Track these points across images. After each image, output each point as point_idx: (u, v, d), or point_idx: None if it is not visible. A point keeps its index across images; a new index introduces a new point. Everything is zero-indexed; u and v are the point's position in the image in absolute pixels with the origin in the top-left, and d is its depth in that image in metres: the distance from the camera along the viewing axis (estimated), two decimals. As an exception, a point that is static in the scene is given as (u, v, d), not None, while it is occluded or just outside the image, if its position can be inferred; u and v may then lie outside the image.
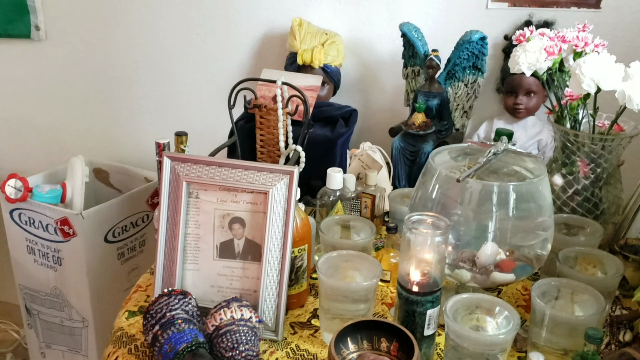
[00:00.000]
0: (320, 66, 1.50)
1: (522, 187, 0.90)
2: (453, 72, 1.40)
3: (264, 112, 1.23)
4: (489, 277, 0.93)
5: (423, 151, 1.35)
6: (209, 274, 0.96)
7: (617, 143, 1.07)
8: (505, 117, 1.43)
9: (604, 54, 0.98)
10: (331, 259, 0.96)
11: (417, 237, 0.85)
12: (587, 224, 1.09)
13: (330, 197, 1.19)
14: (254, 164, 0.96)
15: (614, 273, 0.94)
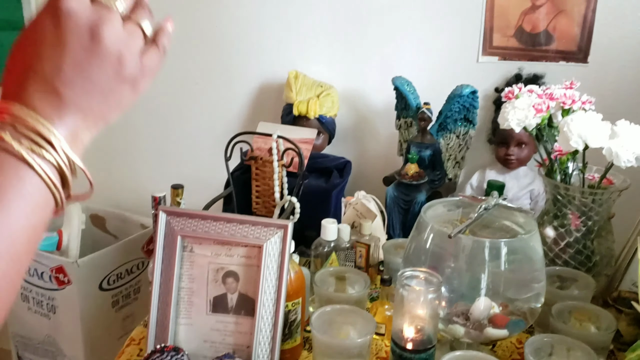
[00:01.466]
0: (315, 117, 1.53)
1: (513, 243, 0.92)
2: (445, 124, 1.43)
3: (260, 163, 1.25)
4: (482, 332, 0.93)
5: (417, 200, 1.37)
6: (202, 328, 0.96)
7: (607, 196, 1.08)
8: (497, 167, 1.46)
9: (590, 112, 1.00)
10: (325, 314, 0.96)
11: (410, 293, 0.85)
12: (580, 277, 1.09)
13: (325, 248, 1.20)
14: (248, 218, 0.97)
15: (606, 328, 0.95)
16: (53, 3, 0.42)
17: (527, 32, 1.45)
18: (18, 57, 0.43)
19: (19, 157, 0.39)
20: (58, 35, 0.42)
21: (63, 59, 0.42)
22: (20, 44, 0.43)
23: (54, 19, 0.42)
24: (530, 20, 1.44)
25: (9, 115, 0.39)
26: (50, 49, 0.42)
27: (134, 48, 0.45)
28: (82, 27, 0.42)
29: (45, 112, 0.41)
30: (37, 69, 0.42)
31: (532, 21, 1.44)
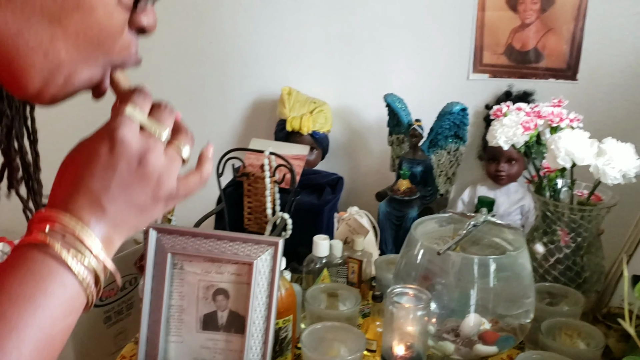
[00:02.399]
0: (308, 133, 1.54)
1: (502, 259, 0.92)
2: (436, 141, 1.44)
3: (252, 180, 1.26)
4: (472, 349, 0.93)
5: (409, 216, 1.38)
6: (192, 346, 0.96)
7: (596, 213, 1.09)
8: (488, 183, 1.47)
9: (577, 130, 1.02)
10: (315, 331, 0.96)
11: (399, 311, 0.86)
12: (570, 294, 1.10)
13: (317, 264, 1.20)
14: (239, 235, 0.97)
15: (595, 345, 0.95)
16: (110, 130, 0.49)
17: (517, 49, 1.47)
18: (71, 171, 0.49)
19: (65, 265, 0.44)
20: (111, 158, 0.48)
21: (112, 179, 0.48)
22: (74, 160, 0.49)
23: (109, 144, 0.48)
24: (520, 38, 1.46)
25: (59, 224, 0.45)
26: (102, 170, 0.48)
27: (173, 173, 0.52)
28: (133, 154, 0.49)
29: (89, 223, 0.47)
30: (88, 185, 0.48)
31: (521, 39, 1.46)
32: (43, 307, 0.42)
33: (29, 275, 0.43)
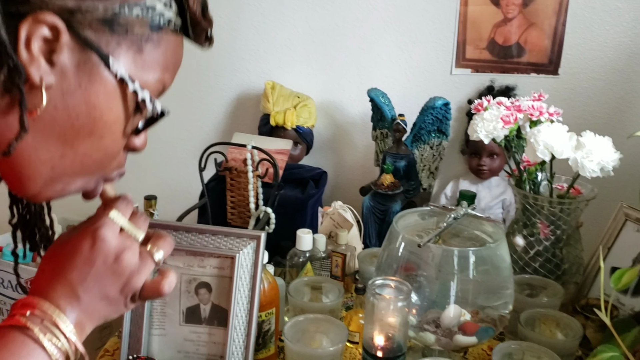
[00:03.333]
0: (293, 127, 1.54)
1: (481, 251, 0.93)
2: (419, 135, 1.45)
3: (234, 174, 1.26)
4: (452, 340, 0.95)
5: (392, 210, 1.39)
6: (176, 339, 0.96)
7: (575, 206, 1.11)
8: (470, 177, 1.48)
9: (557, 124, 1.03)
10: (298, 323, 0.97)
11: (380, 302, 0.87)
12: (549, 285, 1.11)
13: (300, 258, 1.21)
14: (221, 229, 0.97)
15: (573, 335, 0.97)
16: (94, 229, 0.56)
17: (499, 44, 1.48)
18: (54, 261, 0.56)
19: (41, 347, 0.51)
20: (91, 254, 0.56)
21: (89, 272, 0.55)
22: (58, 251, 0.57)
23: (91, 241, 0.56)
24: (502, 33, 1.48)
25: (39, 310, 0.52)
26: (81, 263, 0.55)
27: (143, 273, 0.59)
28: (111, 251, 0.56)
29: (65, 310, 0.54)
30: (67, 277, 0.55)
31: (504, 34, 1.47)
32: None
33: (9, 354, 0.49)
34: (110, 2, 0.51)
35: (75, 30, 0.49)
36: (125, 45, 0.52)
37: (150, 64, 0.55)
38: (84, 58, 0.50)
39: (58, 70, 0.50)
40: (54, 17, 0.48)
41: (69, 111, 0.51)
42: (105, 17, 0.51)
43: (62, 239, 0.58)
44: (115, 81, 0.53)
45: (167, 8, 0.55)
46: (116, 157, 0.57)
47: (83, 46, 0.50)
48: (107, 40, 0.51)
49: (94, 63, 0.51)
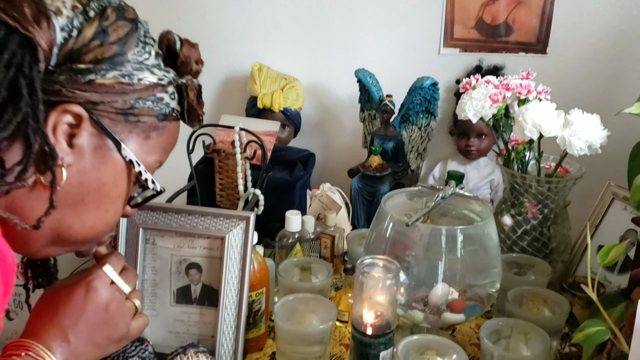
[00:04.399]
0: (280, 110, 1.53)
1: (469, 230, 0.94)
2: (407, 116, 1.45)
3: (222, 156, 1.25)
4: (440, 317, 0.95)
5: (380, 192, 1.39)
6: (167, 319, 0.96)
7: (563, 185, 1.11)
8: (459, 158, 1.48)
9: (545, 102, 1.03)
10: (288, 302, 0.97)
11: (369, 280, 0.87)
12: (537, 263, 1.12)
13: (289, 239, 1.21)
14: (210, 210, 0.97)
15: (560, 312, 0.98)
16: (88, 281, 0.66)
17: (487, 23, 1.48)
18: (48, 308, 0.64)
19: None
20: (83, 302, 0.65)
21: (80, 319, 0.64)
22: (53, 298, 0.65)
23: (85, 291, 0.65)
24: (490, 12, 1.47)
25: (33, 352, 0.60)
26: (73, 310, 0.64)
27: (128, 319, 0.69)
28: (101, 301, 0.66)
29: (56, 353, 0.61)
30: (60, 322, 0.63)
31: (492, 13, 1.47)
32: None
33: None
34: (128, 96, 0.58)
35: (95, 119, 0.57)
36: (135, 133, 0.61)
37: (154, 148, 0.64)
38: (100, 143, 0.58)
39: (76, 152, 0.57)
40: (79, 108, 0.56)
41: (82, 187, 0.58)
42: (123, 108, 0.58)
43: (57, 286, 0.67)
44: (124, 163, 0.61)
45: (171, 99, 0.63)
46: (115, 225, 0.66)
47: (100, 132, 0.58)
48: (121, 128, 0.59)
49: (109, 147, 0.59)
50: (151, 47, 0.62)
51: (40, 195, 0.56)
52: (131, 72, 0.59)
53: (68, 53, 0.55)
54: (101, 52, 0.57)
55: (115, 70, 0.58)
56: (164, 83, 0.62)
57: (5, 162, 0.54)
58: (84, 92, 0.56)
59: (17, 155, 0.54)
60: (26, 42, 0.53)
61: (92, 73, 0.56)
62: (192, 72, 0.67)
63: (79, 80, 0.56)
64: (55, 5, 0.55)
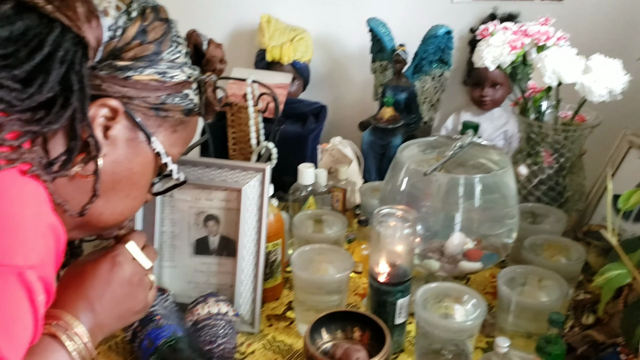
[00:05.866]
0: (289, 62, 1.51)
1: (487, 179, 0.93)
2: (420, 66, 1.42)
3: (235, 110, 1.24)
4: (457, 266, 0.96)
5: (392, 144, 1.38)
6: (186, 270, 0.97)
7: (580, 133, 1.10)
8: (472, 109, 1.47)
9: (564, 48, 1.01)
10: (305, 252, 0.98)
11: (386, 229, 0.87)
12: (552, 212, 1.12)
13: (302, 193, 1.21)
14: (227, 162, 0.97)
15: (576, 259, 0.98)
16: (113, 256, 0.70)
17: (502, -31, 1.44)
18: (76, 280, 0.68)
19: (65, 350, 0.62)
20: (109, 276, 0.69)
21: (106, 291, 0.68)
22: (80, 272, 0.68)
23: (110, 266, 0.69)
24: (505, -43, 1.43)
25: (63, 321, 0.63)
26: (100, 284, 0.68)
27: (147, 293, 0.74)
28: (125, 276, 0.70)
29: (83, 322, 0.64)
30: (87, 294, 0.67)
31: (506, -42, 1.43)
32: None
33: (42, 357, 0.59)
34: (161, 93, 0.63)
35: (129, 112, 0.61)
36: (163, 127, 0.65)
37: (178, 141, 0.68)
38: (132, 135, 0.63)
39: (110, 143, 0.61)
40: (117, 102, 0.59)
41: (115, 176, 0.62)
42: (155, 103, 0.63)
43: (81, 262, 0.70)
44: (152, 154, 0.65)
45: (195, 95, 0.68)
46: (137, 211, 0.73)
47: (133, 125, 0.62)
48: (152, 122, 0.64)
49: (140, 140, 0.63)
50: (182, 46, 0.66)
51: (79, 184, 0.60)
52: (165, 70, 0.63)
53: (111, 51, 0.59)
54: (140, 51, 0.61)
55: (152, 68, 0.62)
56: (191, 80, 0.66)
57: (50, 152, 0.57)
58: (122, 87, 0.60)
59: (60, 146, 0.58)
60: (78, 40, 0.57)
61: (131, 70, 0.60)
62: (215, 70, 0.72)
63: (118, 76, 0.59)
64: (103, 6, 0.59)
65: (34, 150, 0.55)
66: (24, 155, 0.54)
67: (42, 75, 0.56)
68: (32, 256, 0.51)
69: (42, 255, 0.52)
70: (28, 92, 0.55)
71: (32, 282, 0.51)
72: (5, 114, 0.54)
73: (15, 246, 0.50)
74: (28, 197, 0.53)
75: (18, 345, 0.51)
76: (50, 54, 0.56)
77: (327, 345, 0.86)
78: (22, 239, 0.50)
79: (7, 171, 0.52)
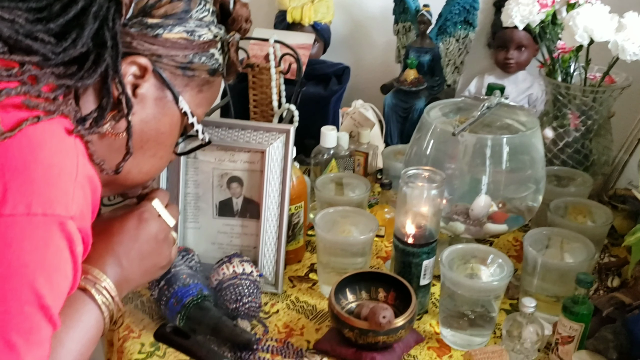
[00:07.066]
0: (310, 24, 1.49)
1: (515, 139, 0.92)
2: (444, 28, 1.39)
3: (256, 71, 1.23)
4: (482, 228, 0.96)
5: (415, 108, 1.36)
6: (210, 231, 0.98)
7: (608, 95, 1.08)
8: (496, 73, 1.44)
9: (597, 5, 0.98)
10: (328, 214, 0.98)
11: (413, 190, 0.87)
12: (577, 175, 1.11)
13: (324, 156, 1.20)
14: (250, 123, 0.96)
15: (603, 221, 0.97)
16: (139, 213, 0.70)
17: None
18: (104, 237, 0.67)
19: (96, 303, 0.63)
20: (136, 233, 0.69)
21: (133, 247, 0.69)
22: (108, 229, 0.68)
23: (137, 222, 0.70)
24: None
25: (92, 276, 0.64)
26: (127, 239, 0.68)
27: (170, 248, 0.74)
28: (151, 232, 0.71)
29: (110, 276, 0.65)
30: (114, 249, 0.67)
31: None
32: (80, 329, 0.61)
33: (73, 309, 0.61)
34: (189, 51, 0.63)
35: (158, 71, 0.61)
36: (190, 86, 0.65)
37: (203, 101, 0.69)
38: (160, 94, 0.63)
39: (139, 102, 0.61)
40: (146, 60, 0.59)
41: (143, 136, 0.63)
42: (182, 62, 0.63)
43: (107, 218, 0.71)
44: (179, 114, 0.66)
45: (220, 55, 0.67)
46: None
47: (161, 84, 0.62)
48: (179, 81, 0.64)
49: (168, 99, 0.64)
50: (209, 5, 0.66)
51: (109, 143, 0.61)
52: (193, 28, 0.63)
53: (142, 8, 0.60)
54: (171, 8, 0.61)
55: (181, 26, 0.62)
56: (217, 40, 0.66)
57: (82, 109, 0.58)
58: (152, 45, 0.60)
59: (90, 103, 0.59)
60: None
61: (160, 28, 0.60)
62: (241, 30, 0.71)
63: (148, 33, 0.60)
64: None
65: (69, 104, 0.56)
66: (60, 107, 0.54)
67: (76, 29, 0.56)
68: (72, 207, 0.51)
69: (81, 207, 0.53)
70: (62, 45, 0.55)
71: (72, 232, 0.51)
72: (40, 67, 0.54)
73: (57, 196, 0.50)
74: (68, 149, 0.54)
75: (59, 294, 0.52)
76: (84, 9, 0.56)
77: (352, 305, 0.87)
78: (63, 190, 0.51)
79: (47, 123, 0.52)
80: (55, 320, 0.52)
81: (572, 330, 0.78)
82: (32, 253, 0.49)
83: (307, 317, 0.92)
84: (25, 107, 0.52)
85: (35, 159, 0.50)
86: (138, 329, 0.88)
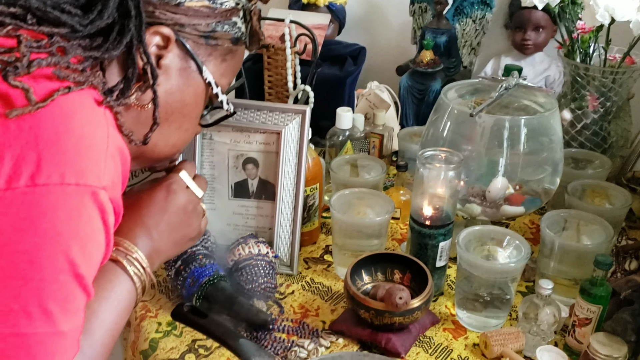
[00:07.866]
0: (325, 4, 1.47)
1: (533, 120, 0.91)
2: (461, 8, 1.37)
3: (271, 52, 1.22)
4: (499, 210, 0.95)
5: (431, 89, 1.35)
6: (225, 213, 0.98)
7: (628, 76, 1.06)
8: (513, 54, 1.42)
9: (618, -16, 0.96)
10: (344, 196, 0.98)
11: (430, 172, 0.86)
12: (595, 158, 1.10)
13: (340, 137, 1.20)
14: (266, 104, 0.96)
15: (622, 204, 0.96)
16: (167, 184, 0.70)
17: None
18: (134, 209, 0.67)
19: (127, 274, 0.63)
20: (165, 204, 0.69)
21: (163, 218, 0.69)
22: (138, 201, 0.69)
23: (165, 194, 0.70)
24: None
25: (123, 247, 0.64)
26: (157, 211, 0.69)
27: (200, 220, 0.74)
28: (180, 203, 0.70)
29: (141, 248, 0.66)
30: (144, 221, 0.67)
31: None
32: (112, 300, 0.61)
33: (106, 280, 0.61)
34: (211, 20, 0.62)
35: (181, 41, 0.61)
36: (213, 56, 0.65)
37: (227, 71, 0.68)
38: (184, 65, 0.62)
39: (163, 72, 0.61)
40: (169, 29, 0.59)
41: (168, 107, 0.63)
42: (205, 31, 0.62)
43: (136, 190, 0.71)
44: (204, 84, 0.65)
45: (242, 23, 0.66)
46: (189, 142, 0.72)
47: (185, 54, 0.62)
48: (202, 51, 0.63)
49: (192, 69, 0.63)
50: None
51: (135, 114, 0.61)
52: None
53: None
54: None
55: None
56: (239, 7, 0.65)
57: (108, 81, 0.58)
58: (174, 14, 0.59)
59: (116, 75, 0.59)
60: None
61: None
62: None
63: (170, 2, 0.59)
64: None
65: (97, 76, 0.56)
66: (89, 79, 0.54)
67: (101, 1, 0.56)
68: (104, 177, 0.51)
69: (112, 177, 0.53)
70: (89, 17, 0.55)
71: (104, 202, 0.52)
72: (67, 39, 0.54)
73: (89, 166, 0.50)
74: (98, 119, 0.54)
75: (92, 263, 0.53)
76: None
77: (368, 286, 0.87)
78: (95, 160, 0.51)
79: (77, 94, 0.52)
80: (90, 290, 0.52)
81: (589, 312, 0.77)
82: (66, 222, 0.49)
83: (322, 299, 0.92)
84: (56, 77, 0.52)
85: (67, 129, 0.50)
86: (155, 309, 0.89)
